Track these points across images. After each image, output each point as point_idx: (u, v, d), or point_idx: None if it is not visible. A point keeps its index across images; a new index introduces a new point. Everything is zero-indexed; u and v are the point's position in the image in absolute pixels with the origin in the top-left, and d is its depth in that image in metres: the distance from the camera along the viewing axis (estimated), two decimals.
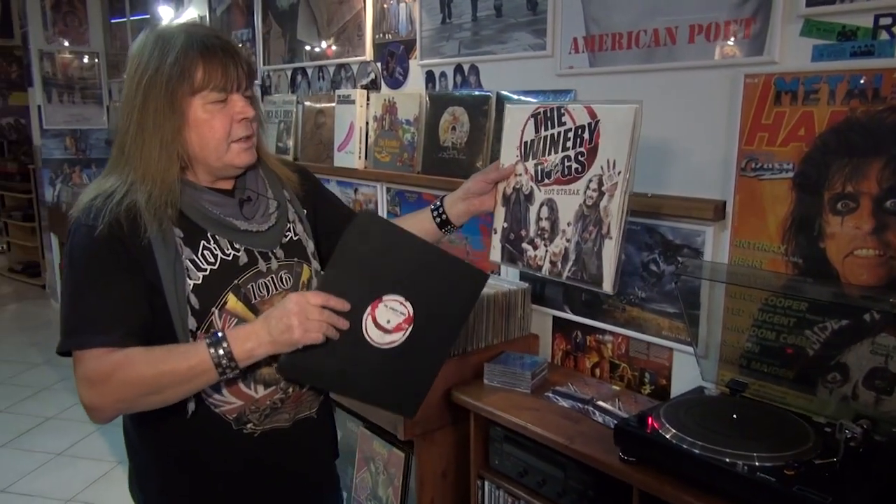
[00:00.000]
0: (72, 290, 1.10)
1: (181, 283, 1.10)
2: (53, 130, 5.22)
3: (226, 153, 1.15)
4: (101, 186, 1.13)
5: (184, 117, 1.11)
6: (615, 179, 1.21)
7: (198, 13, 3.83)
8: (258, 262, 1.19)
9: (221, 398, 1.17)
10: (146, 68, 1.10)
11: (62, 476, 2.96)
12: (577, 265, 1.27)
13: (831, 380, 1.48)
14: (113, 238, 1.08)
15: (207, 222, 1.16)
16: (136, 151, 1.11)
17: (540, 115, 1.34)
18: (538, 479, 1.68)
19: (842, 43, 1.41)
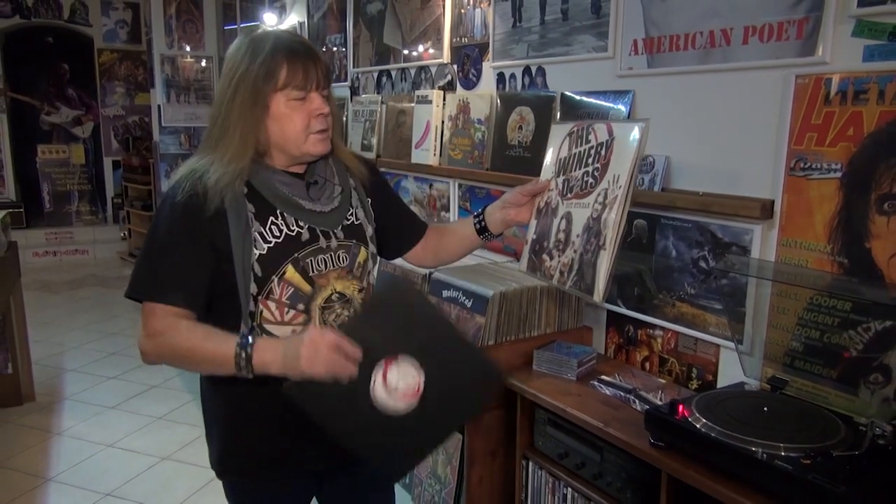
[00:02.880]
0: (148, 251, 1.28)
1: (248, 253, 1.26)
2: (171, 128, 5.71)
3: (304, 143, 1.30)
4: (189, 167, 1.30)
5: (267, 111, 1.26)
6: (616, 193, 1.27)
7: (298, 19, 4.12)
8: (319, 240, 1.33)
9: None
10: (238, 67, 1.26)
11: (161, 437, 3.28)
12: (578, 275, 1.33)
13: (873, 381, 1.48)
14: (189, 211, 1.24)
15: (277, 200, 1.31)
16: (221, 138, 1.28)
17: (574, 134, 1.43)
18: (577, 460, 1.76)
19: (893, 43, 1.41)
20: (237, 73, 1.26)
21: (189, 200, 1.25)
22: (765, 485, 1.28)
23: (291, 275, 1.29)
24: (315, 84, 1.29)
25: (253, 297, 1.27)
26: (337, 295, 1.34)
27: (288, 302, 1.30)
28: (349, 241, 1.37)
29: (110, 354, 4.40)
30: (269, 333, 1.29)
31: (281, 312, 1.30)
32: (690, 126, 1.82)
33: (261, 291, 1.28)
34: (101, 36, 7.36)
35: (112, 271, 6.83)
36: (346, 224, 1.38)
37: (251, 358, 1.19)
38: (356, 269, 1.38)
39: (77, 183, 7.55)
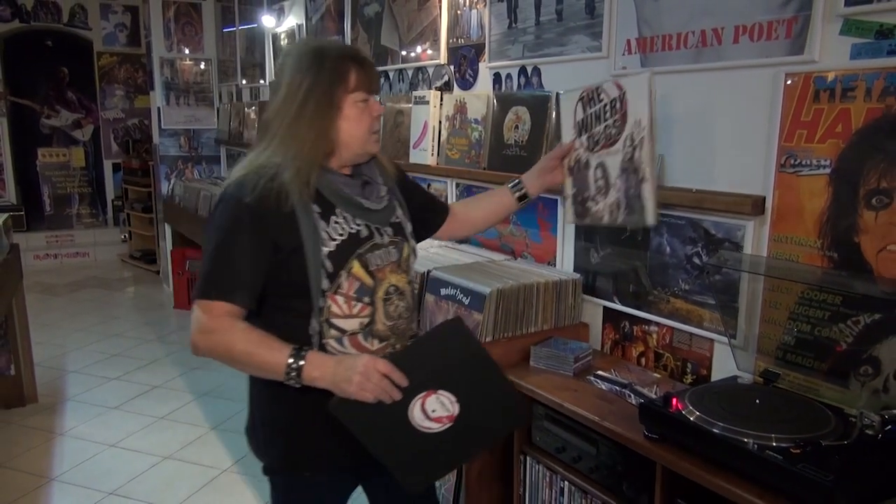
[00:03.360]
0: (213, 251, 1.31)
1: (318, 250, 1.31)
2: (170, 130, 5.74)
3: (367, 142, 1.40)
4: (252, 164, 1.34)
5: (340, 112, 1.34)
6: (642, 134, 1.51)
7: (296, 21, 4.15)
8: (374, 236, 1.41)
9: (343, 350, 1.37)
10: (307, 72, 1.32)
11: (163, 437, 3.31)
12: (627, 210, 1.57)
13: (863, 373, 1.50)
14: (257, 211, 1.29)
15: (338, 199, 1.37)
16: (291, 138, 1.32)
17: (585, 97, 1.67)
18: (574, 454, 1.78)
19: (879, 41, 1.44)
20: (307, 78, 1.32)
21: (258, 201, 1.29)
22: (756, 475, 1.31)
23: (357, 269, 1.37)
24: (376, 88, 1.41)
25: (323, 293, 1.33)
26: (393, 287, 1.43)
27: (355, 295, 1.37)
28: (396, 238, 1.46)
29: (112, 356, 4.43)
30: (336, 328, 1.35)
31: (349, 306, 1.36)
32: (683, 124, 1.84)
33: (331, 286, 1.34)
34: (101, 39, 7.39)
35: (113, 273, 6.86)
36: (392, 222, 1.47)
37: (301, 371, 1.27)
38: (403, 262, 1.47)
39: (77, 186, 7.58)
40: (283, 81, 1.35)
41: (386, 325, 1.41)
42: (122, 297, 6.03)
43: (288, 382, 1.28)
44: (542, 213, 2.36)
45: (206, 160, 5.85)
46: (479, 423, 1.35)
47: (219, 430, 3.37)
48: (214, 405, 3.66)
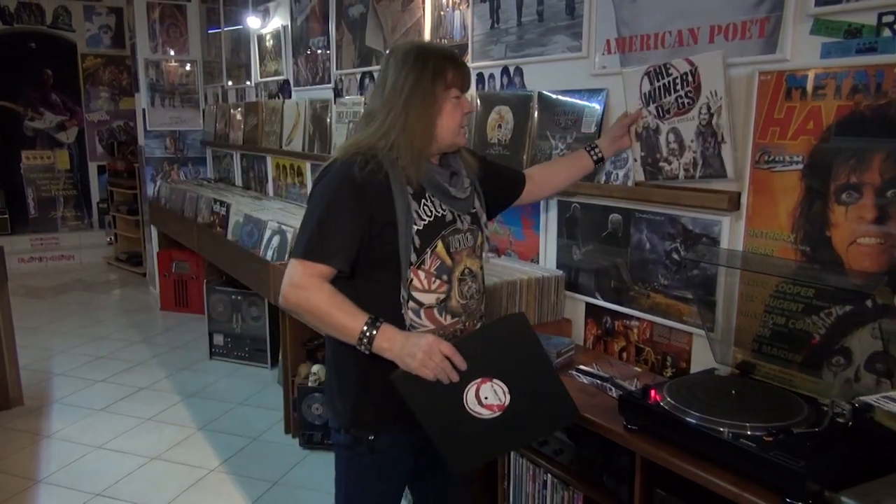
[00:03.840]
0: (317, 219, 1.44)
1: (409, 226, 1.45)
2: (155, 132, 5.72)
3: (457, 135, 1.54)
4: (358, 144, 1.48)
5: (439, 106, 1.49)
6: (720, 103, 1.67)
7: (281, 22, 4.16)
8: (457, 221, 1.53)
9: (419, 321, 1.49)
10: (412, 70, 1.46)
11: (150, 437, 3.30)
12: (706, 167, 1.74)
13: (836, 363, 1.54)
14: (360, 185, 1.41)
15: (429, 185, 1.50)
16: (399, 126, 1.45)
17: (651, 72, 1.82)
18: (556, 447, 1.81)
19: (848, 40, 1.48)
20: (412, 76, 1.46)
21: (362, 177, 1.42)
22: (731, 463, 1.34)
23: (440, 249, 1.50)
24: (468, 87, 1.55)
25: (410, 264, 1.45)
26: (468, 270, 1.55)
27: (435, 273, 1.49)
28: (473, 226, 1.58)
29: (98, 358, 4.42)
30: (416, 300, 1.47)
31: (429, 281, 1.48)
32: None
33: (417, 260, 1.46)
34: (85, 41, 7.35)
35: (98, 276, 6.83)
36: (472, 211, 1.59)
37: (373, 339, 1.38)
38: (477, 248, 1.59)
39: (62, 188, 7.53)
40: (389, 76, 1.49)
41: (460, 303, 1.53)
42: (107, 300, 6.00)
43: (359, 348, 1.40)
44: (526, 211, 2.39)
45: (192, 162, 5.84)
46: (527, 416, 1.42)
47: (206, 430, 3.38)
48: (202, 406, 3.66)
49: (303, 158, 3.97)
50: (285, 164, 4.32)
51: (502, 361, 1.40)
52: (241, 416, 3.55)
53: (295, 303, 1.45)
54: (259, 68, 4.58)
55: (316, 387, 3.10)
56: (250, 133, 4.64)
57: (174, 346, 4.65)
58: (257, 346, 4.20)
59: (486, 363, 1.38)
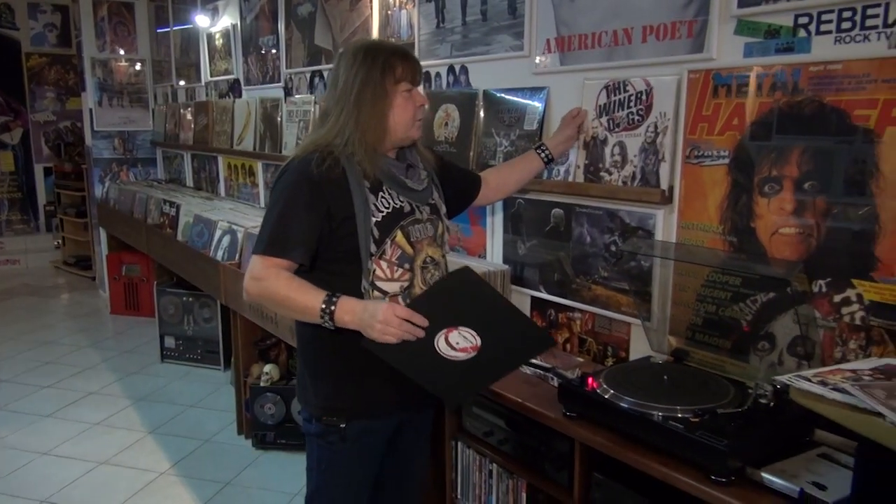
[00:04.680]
0: (276, 215, 1.50)
1: (368, 219, 1.50)
2: (103, 132, 5.60)
3: (410, 128, 1.58)
4: (316, 142, 1.53)
5: (390, 101, 1.53)
6: (667, 124, 1.76)
7: (231, 21, 4.12)
8: (415, 212, 1.59)
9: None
10: (361, 66, 1.52)
11: (99, 442, 3.24)
12: (643, 182, 1.83)
13: (761, 348, 1.62)
14: (317, 181, 1.47)
15: (386, 178, 1.55)
16: (353, 122, 1.51)
17: (611, 86, 1.90)
18: (500, 437, 1.86)
19: (768, 40, 1.56)
20: (361, 71, 1.51)
21: (319, 173, 1.47)
22: (661, 444, 1.40)
23: (400, 239, 1.56)
24: (419, 80, 1.61)
25: (370, 255, 1.51)
26: (429, 258, 1.61)
27: (397, 262, 1.55)
28: (432, 216, 1.65)
29: (45, 363, 4.31)
30: (379, 290, 1.53)
31: (391, 270, 1.54)
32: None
33: (377, 251, 1.52)
34: (29, 39, 7.15)
35: (45, 280, 6.65)
36: (430, 202, 1.65)
37: (333, 314, 1.43)
38: (438, 238, 1.66)
39: (6, 191, 7.30)
40: (341, 74, 1.54)
41: (423, 290, 1.58)
42: (55, 304, 5.86)
43: (323, 324, 1.44)
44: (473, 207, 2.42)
45: (142, 162, 5.73)
46: (503, 350, 1.49)
47: (156, 433, 3.33)
48: (152, 409, 3.61)
49: (254, 158, 3.94)
50: (237, 164, 4.28)
51: (462, 310, 1.43)
52: (192, 418, 3.51)
53: (256, 294, 1.51)
54: (209, 67, 4.53)
55: (268, 387, 3.09)
56: (201, 133, 4.59)
57: (124, 350, 4.56)
58: (209, 347, 4.16)
59: (445, 315, 1.42)
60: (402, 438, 1.71)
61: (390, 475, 1.76)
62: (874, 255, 1.41)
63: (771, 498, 1.26)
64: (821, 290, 1.50)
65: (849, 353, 1.47)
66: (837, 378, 1.16)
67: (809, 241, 1.51)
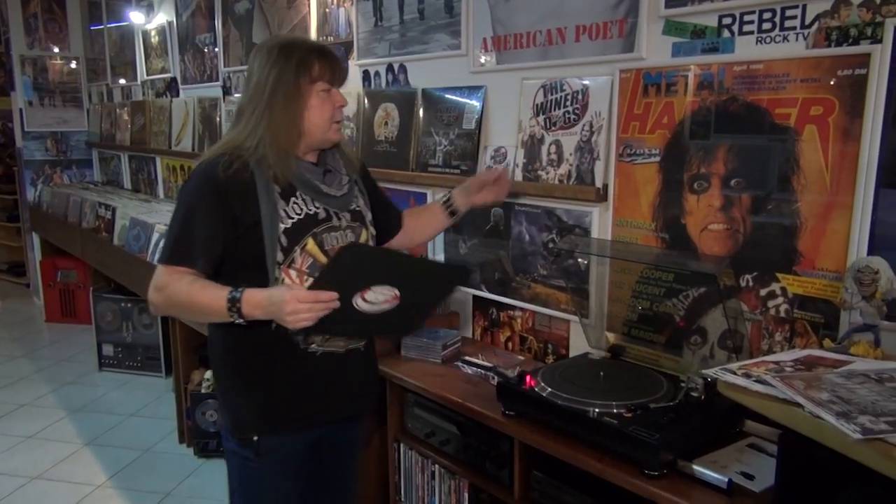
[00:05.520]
0: (179, 222, 1.43)
1: (275, 226, 1.42)
2: (35, 133, 5.38)
3: (328, 130, 1.49)
4: (226, 144, 1.46)
5: (305, 101, 1.45)
6: (602, 123, 1.77)
7: (166, 18, 4.01)
8: (332, 219, 1.51)
9: None
10: (275, 64, 1.43)
11: (32, 456, 3.11)
12: (578, 180, 1.84)
13: (693, 342, 1.65)
14: (223, 186, 1.39)
15: (300, 183, 1.47)
16: (265, 124, 1.42)
17: (548, 85, 1.90)
18: (442, 438, 1.85)
19: (694, 40, 1.59)
20: (275, 69, 1.43)
21: (225, 178, 1.39)
22: (597, 441, 1.42)
23: (311, 247, 1.47)
24: (337, 80, 1.51)
25: (278, 264, 1.43)
26: None
27: (307, 271, 1.46)
28: (354, 223, 1.56)
29: None
30: None
31: (301, 280, 1.45)
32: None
33: (285, 260, 1.44)
34: None
35: None
36: (351, 209, 1.56)
37: (241, 309, 1.36)
38: None
39: None
40: (254, 71, 1.46)
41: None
42: None
43: (233, 319, 1.37)
44: (414, 207, 2.41)
45: (77, 164, 5.53)
46: (423, 291, 1.50)
47: (93, 445, 3.21)
48: (89, 420, 3.48)
49: (193, 159, 3.84)
50: (175, 165, 4.17)
51: (366, 274, 1.39)
52: (131, 428, 3.40)
53: (162, 304, 1.44)
54: (145, 66, 4.40)
55: (210, 393, 3.01)
56: (138, 133, 4.45)
57: (60, 359, 4.39)
58: (150, 354, 4.04)
59: (353, 283, 1.37)
60: (328, 452, 1.65)
61: (318, 490, 1.69)
62: (797, 250, 1.45)
63: (701, 489, 1.29)
64: (748, 284, 1.54)
65: (775, 346, 1.51)
66: (761, 370, 1.18)
67: (737, 236, 1.55)
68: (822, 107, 1.38)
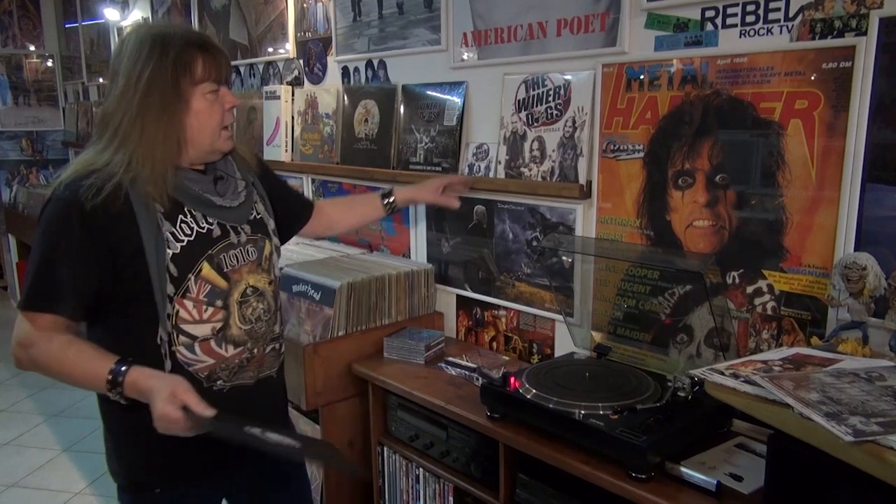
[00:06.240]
0: (38, 259, 1.20)
1: (161, 253, 1.22)
2: (9, 132, 5.28)
3: (218, 139, 1.29)
4: (89, 162, 1.21)
5: (187, 105, 1.23)
6: (584, 118, 1.74)
7: (142, 14, 3.93)
8: (230, 235, 1.32)
9: (195, 357, 1.28)
10: (147, 61, 1.20)
11: (8, 464, 3.04)
12: (561, 177, 1.81)
13: (680, 341, 1.63)
14: (90, 213, 1.17)
15: (186, 198, 1.27)
16: (136, 134, 1.20)
17: (530, 81, 1.87)
18: (426, 441, 1.81)
19: (677, 34, 1.56)
20: (147, 68, 1.20)
21: (92, 202, 1.17)
22: (583, 443, 1.39)
23: (208, 272, 1.28)
24: (225, 78, 1.30)
25: (170, 298, 1.24)
26: (251, 289, 1.35)
27: (206, 299, 1.28)
28: (255, 236, 1.38)
29: None
30: (186, 334, 1.27)
31: (199, 311, 1.28)
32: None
33: (177, 291, 1.25)
34: None
35: None
36: (250, 219, 1.38)
37: (123, 393, 1.17)
38: (264, 262, 1.39)
39: None
40: (122, 71, 1.22)
41: (242, 329, 1.33)
42: None
43: (113, 398, 1.18)
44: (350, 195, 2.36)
45: (53, 164, 5.42)
46: (314, 450, 1.40)
47: (71, 451, 3.15)
48: (67, 425, 3.41)
49: None
50: None
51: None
52: None
53: (26, 362, 1.21)
54: None
55: None
56: None
57: None
58: None
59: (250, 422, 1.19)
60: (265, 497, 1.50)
61: None
62: (783, 246, 1.43)
63: (689, 492, 1.26)
64: (734, 281, 1.52)
65: (762, 343, 1.49)
66: (749, 370, 1.16)
67: (722, 233, 1.52)
68: (806, 100, 1.36)
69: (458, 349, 2.08)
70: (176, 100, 1.22)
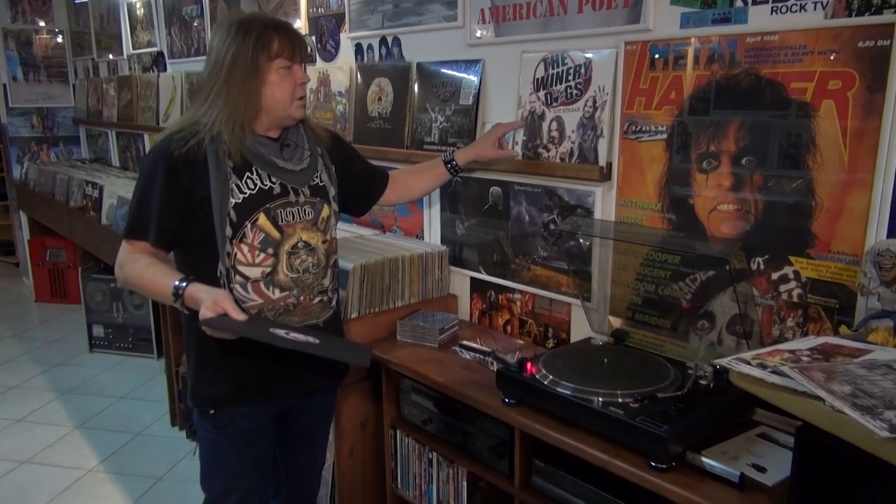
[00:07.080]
0: (137, 195, 1.48)
1: (225, 201, 1.45)
2: (20, 109, 5.25)
3: (289, 107, 1.51)
4: (185, 122, 1.50)
5: (264, 78, 1.46)
6: (605, 98, 1.69)
7: None
8: (289, 195, 1.53)
9: (247, 295, 1.50)
10: (233, 41, 1.45)
11: (20, 440, 3.06)
12: (581, 158, 1.77)
13: (700, 327, 1.59)
14: (175, 162, 1.43)
15: (255, 158, 1.50)
16: (222, 101, 1.45)
17: (549, 59, 1.82)
18: (440, 425, 1.79)
19: (704, 10, 1.50)
20: (233, 46, 1.44)
21: (179, 153, 1.43)
22: (602, 430, 1.36)
23: (263, 222, 1.49)
24: (299, 57, 1.51)
25: (229, 239, 1.46)
26: (303, 243, 1.55)
27: (259, 246, 1.49)
28: (314, 199, 1.57)
29: None
30: (241, 274, 1.49)
31: (252, 255, 1.49)
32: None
33: (235, 235, 1.47)
34: None
35: None
36: (312, 184, 1.58)
37: (183, 299, 1.40)
38: (320, 223, 1.58)
39: None
40: (214, 49, 1.48)
41: (288, 276, 1.52)
42: None
43: (177, 307, 1.42)
44: None
45: (64, 141, 5.40)
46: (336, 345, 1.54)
47: (84, 428, 3.16)
48: (80, 402, 3.43)
49: None
50: None
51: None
52: (123, 410, 3.35)
53: (122, 280, 1.50)
54: (131, 39, 4.27)
55: None
56: (125, 109, 4.33)
57: (50, 340, 4.33)
58: (141, 335, 3.97)
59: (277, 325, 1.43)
60: (293, 424, 1.69)
61: (286, 459, 1.74)
62: (811, 232, 1.39)
63: (711, 483, 1.24)
64: (759, 267, 1.48)
65: (786, 331, 1.45)
66: (776, 360, 1.13)
67: (748, 217, 1.48)
68: (840, 80, 1.31)
69: (472, 332, 2.05)
70: (255, 73, 1.45)
